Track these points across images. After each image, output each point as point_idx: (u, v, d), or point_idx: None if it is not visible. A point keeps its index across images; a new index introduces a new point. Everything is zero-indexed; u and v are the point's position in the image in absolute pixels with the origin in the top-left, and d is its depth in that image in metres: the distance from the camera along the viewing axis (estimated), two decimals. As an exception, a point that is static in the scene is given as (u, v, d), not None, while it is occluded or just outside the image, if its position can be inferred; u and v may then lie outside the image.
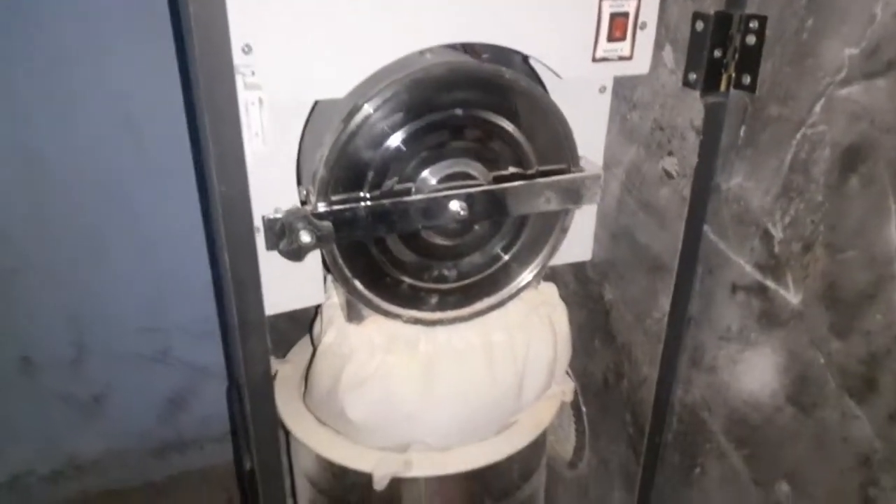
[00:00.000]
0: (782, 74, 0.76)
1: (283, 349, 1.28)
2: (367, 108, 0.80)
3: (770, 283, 0.83)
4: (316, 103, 0.83)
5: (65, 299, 1.63)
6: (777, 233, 0.81)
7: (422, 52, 0.84)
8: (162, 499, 1.83)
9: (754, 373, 0.87)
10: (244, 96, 0.71)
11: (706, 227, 0.92)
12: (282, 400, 1.14)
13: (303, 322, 1.29)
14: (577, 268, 1.18)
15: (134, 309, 1.69)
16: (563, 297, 1.11)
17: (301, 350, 1.25)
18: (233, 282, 0.76)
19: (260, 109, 0.72)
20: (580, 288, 1.18)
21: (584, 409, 1.27)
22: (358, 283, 0.92)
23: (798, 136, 0.75)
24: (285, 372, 1.21)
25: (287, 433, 1.19)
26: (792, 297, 0.80)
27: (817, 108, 0.72)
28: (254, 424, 0.84)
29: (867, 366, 0.73)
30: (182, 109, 1.54)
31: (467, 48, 0.97)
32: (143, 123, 1.54)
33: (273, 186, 0.81)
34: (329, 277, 1.08)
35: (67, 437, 1.75)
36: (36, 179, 1.51)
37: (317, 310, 1.10)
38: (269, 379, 0.83)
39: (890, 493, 0.74)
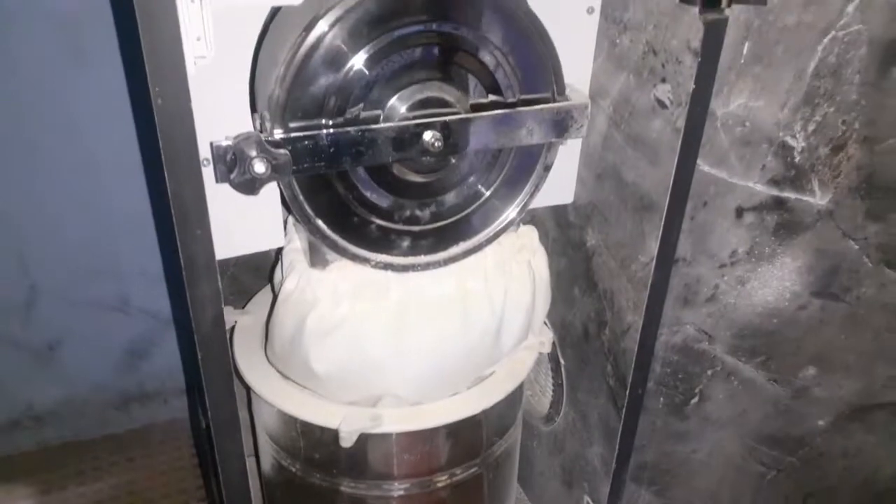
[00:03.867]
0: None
1: (244, 302, 1.20)
2: (330, 17, 0.70)
3: (789, 195, 0.81)
4: (274, 14, 0.73)
5: (12, 238, 1.52)
6: (798, 143, 0.78)
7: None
8: (123, 452, 1.75)
9: (771, 283, 0.86)
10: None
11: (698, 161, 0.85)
12: (240, 353, 1.07)
13: (266, 274, 1.20)
14: (558, 212, 1.11)
15: (83, 249, 1.58)
16: (543, 245, 1.04)
17: (262, 301, 1.17)
18: (176, 217, 0.67)
19: (201, 8, 0.62)
20: (560, 234, 1.11)
21: (562, 361, 1.21)
22: (321, 223, 0.84)
23: (826, 40, 0.72)
24: (245, 323, 1.13)
25: (248, 388, 1.12)
26: (818, 200, 0.80)
27: (849, 9, 0.70)
28: (205, 376, 0.76)
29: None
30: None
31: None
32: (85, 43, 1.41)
33: (223, 109, 0.71)
34: (290, 220, 1.00)
35: (22, 386, 1.66)
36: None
37: (277, 256, 1.02)
38: (220, 325, 0.74)
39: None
